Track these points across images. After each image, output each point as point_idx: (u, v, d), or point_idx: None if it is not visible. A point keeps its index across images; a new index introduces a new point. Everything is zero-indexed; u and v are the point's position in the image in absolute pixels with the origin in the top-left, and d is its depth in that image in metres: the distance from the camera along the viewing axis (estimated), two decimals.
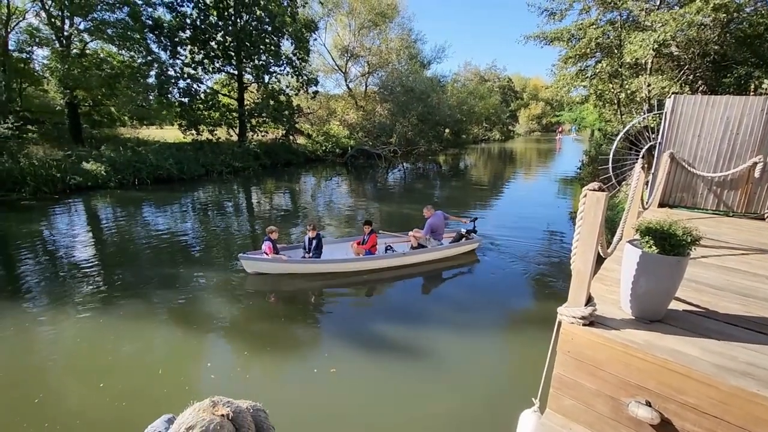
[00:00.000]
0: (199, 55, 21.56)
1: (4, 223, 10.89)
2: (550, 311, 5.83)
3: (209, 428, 0.56)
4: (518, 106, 70.78)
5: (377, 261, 7.41)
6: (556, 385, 2.35)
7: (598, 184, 2.17)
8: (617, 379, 2.12)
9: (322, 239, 7.54)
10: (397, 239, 8.36)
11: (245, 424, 0.61)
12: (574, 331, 2.26)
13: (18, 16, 17.53)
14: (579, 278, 2.25)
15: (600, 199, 2.08)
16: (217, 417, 0.58)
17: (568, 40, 13.54)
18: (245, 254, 6.98)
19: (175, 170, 17.72)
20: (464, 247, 8.26)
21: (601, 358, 2.16)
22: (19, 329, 5.33)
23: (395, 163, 25.55)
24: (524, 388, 3.64)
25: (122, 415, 3.75)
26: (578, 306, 2.26)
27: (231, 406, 0.61)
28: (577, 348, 2.25)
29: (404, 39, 33.56)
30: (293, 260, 7.14)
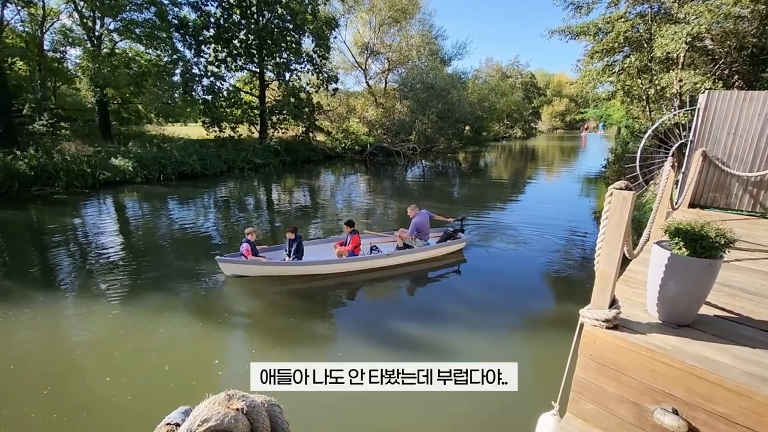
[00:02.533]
0: (222, 54, 21.96)
1: (39, 215, 11.43)
2: (571, 313, 5.68)
3: (224, 421, 0.56)
4: (541, 103, 69.18)
5: (360, 262, 7.18)
6: (577, 389, 2.28)
7: (625, 182, 2.09)
8: (642, 384, 2.04)
9: (302, 241, 7.30)
10: (382, 239, 8.12)
11: (260, 419, 0.61)
12: (597, 334, 2.18)
13: (52, 17, 18.28)
14: (603, 280, 2.17)
15: (627, 198, 2.00)
16: (232, 411, 0.59)
17: (594, 35, 13.12)
18: (223, 256, 6.70)
19: (199, 166, 18.17)
20: (451, 247, 8.03)
21: (625, 362, 2.09)
22: (44, 317, 5.59)
23: (414, 160, 25.43)
24: (543, 391, 3.56)
25: (128, 408, 3.85)
26: (602, 308, 2.19)
27: (246, 400, 0.61)
28: (599, 351, 2.18)
29: (425, 35, 33.25)
30: (272, 262, 6.86)
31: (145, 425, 3.66)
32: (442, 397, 4.06)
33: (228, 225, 10.80)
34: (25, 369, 4.47)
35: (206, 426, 0.56)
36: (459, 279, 7.36)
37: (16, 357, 4.69)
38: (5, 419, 3.67)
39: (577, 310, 2.31)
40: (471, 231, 9.98)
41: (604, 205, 2.11)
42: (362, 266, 7.21)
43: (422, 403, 3.95)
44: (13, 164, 13.84)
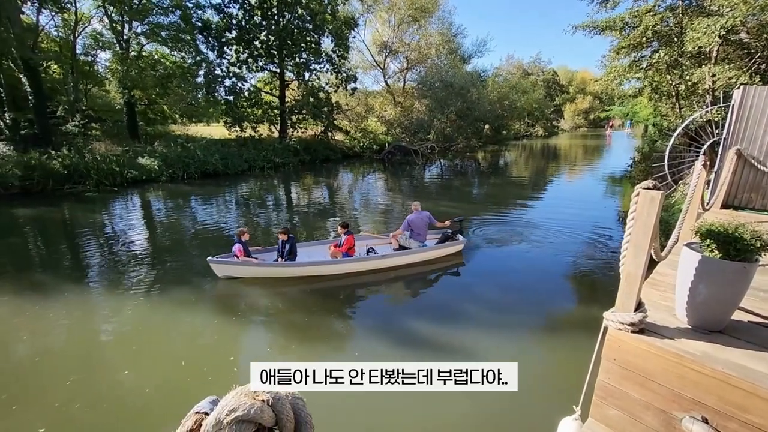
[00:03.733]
0: (243, 54, 22.36)
1: (72, 212, 11.94)
2: (593, 315, 5.54)
3: (250, 412, 0.58)
4: (563, 101, 67.56)
5: (354, 264, 7.06)
6: (600, 394, 2.22)
7: (653, 182, 2.01)
8: (669, 391, 1.97)
9: (295, 242, 7.17)
10: (379, 240, 7.99)
11: (284, 411, 0.62)
12: (622, 338, 2.12)
13: (84, 22, 19.04)
14: (629, 282, 2.10)
15: (655, 199, 1.93)
16: (258, 402, 0.60)
17: (621, 29, 12.70)
18: (214, 257, 6.58)
19: (221, 165, 18.60)
20: (449, 249, 7.82)
21: (652, 368, 2.02)
22: (72, 309, 5.83)
23: (432, 159, 25.27)
24: (564, 394, 3.48)
25: (145, 401, 3.96)
26: (627, 311, 2.12)
27: (271, 392, 0.63)
28: (624, 356, 2.12)
29: (444, 33, 32.99)
30: (264, 263, 6.75)
31: (161, 417, 3.79)
32: (455, 397, 4.02)
33: (249, 223, 10.99)
34: (51, 359, 4.66)
35: (234, 416, 0.58)
36: (471, 279, 7.25)
37: (44, 347, 4.91)
38: (31, 407, 3.83)
39: (599, 313, 2.25)
40: (489, 230, 9.85)
41: (631, 205, 2.04)
42: (356, 268, 7.08)
43: (434, 405, 3.92)
44: (48, 163, 14.50)
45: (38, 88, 16.27)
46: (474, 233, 9.77)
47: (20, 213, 11.64)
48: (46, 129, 16.76)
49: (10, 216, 11.36)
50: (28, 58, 15.40)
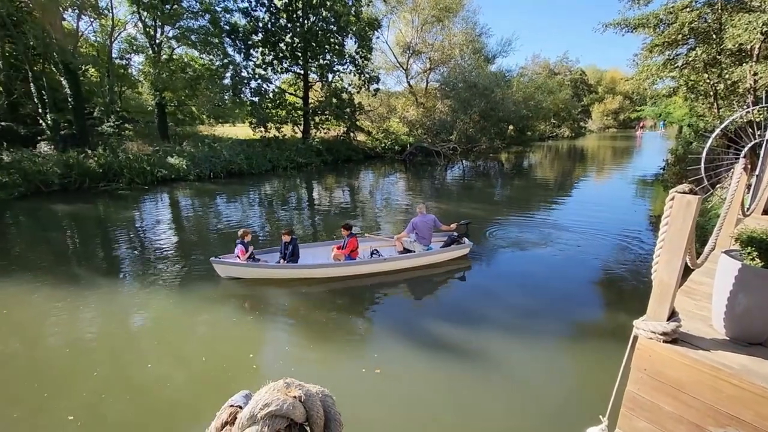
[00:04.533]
0: (269, 57, 22.82)
1: (106, 209, 12.49)
2: (621, 323, 5.37)
3: (283, 407, 0.59)
4: (592, 101, 65.60)
5: (356, 267, 6.98)
6: (629, 405, 2.14)
7: (689, 185, 1.92)
8: (704, 405, 1.87)
9: (297, 244, 7.11)
10: (383, 242, 7.90)
11: (315, 408, 0.64)
12: (653, 348, 2.03)
13: (120, 28, 19.88)
14: (661, 290, 2.02)
15: (691, 203, 1.84)
16: (290, 398, 0.61)
17: (654, 27, 12.21)
18: (217, 258, 6.66)
19: (245, 165, 19.04)
20: (454, 253, 7.67)
21: (685, 380, 1.92)
22: (102, 303, 6.08)
23: (454, 160, 25.06)
24: (590, 404, 3.38)
25: (166, 395, 4.08)
26: (659, 320, 2.03)
27: (303, 389, 0.64)
28: (655, 366, 2.03)
29: (468, 33, 32.67)
30: (267, 265, 6.73)
31: (182, 411, 3.89)
32: (477, 403, 3.97)
33: (272, 221, 11.20)
34: (80, 350, 4.88)
35: (267, 410, 0.59)
36: (493, 282, 7.13)
37: (73, 338, 5.15)
38: (61, 396, 4.03)
39: (628, 321, 2.17)
40: (512, 233, 9.67)
41: (665, 210, 1.95)
42: (359, 271, 7.00)
43: (456, 410, 3.88)
44: (85, 162, 15.23)
45: (77, 90, 17.10)
46: (496, 236, 9.62)
47: (59, 209, 12.28)
48: (84, 129, 17.60)
49: (50, 212, 12.00)
50: (69, 62, 16.21)
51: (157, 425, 3.73)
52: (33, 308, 5.91)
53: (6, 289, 6.51)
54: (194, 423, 3.73)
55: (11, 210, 12.15)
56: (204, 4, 20.14)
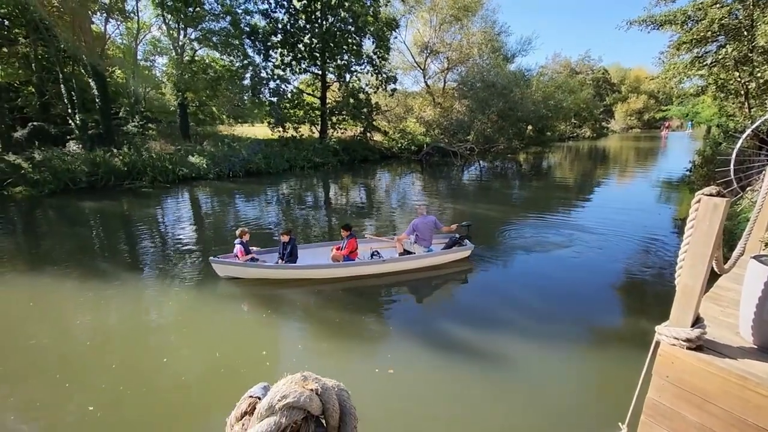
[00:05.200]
0: (287, 57, 23.12)
1: (130, 206, 12.88)
2: (643, 328, 5.22)
3: (300, 399, 0.61)
4: (615, 100, 64.01)
5: (356, 268, 6.91)
6: (649, 412, 2.07)
7: (716, 188, 1.85)
8: (730, 415, 1.80)
9: (296, 244, 7.05)
10: (384, 244, 7.78)
11: (330, 401, 0.65)
12: (676, 354, 1.96)
13: (145, 30, 20.49)
14: (686, 295, 1.95)
15: (718, 206, 1.78)
16: (307, 390, 0.63)
17: (682, 23, 11.80)
18: (216, 257, 6.68)
19: (263, 164, 19.35)
20: (455, 255, 7.54)
21: (710, 388, 1.86)
22: (123, 297, 6.26)
23: (471, 161, 24.82)
24: (609, 410, 3.31)
25: (181, 388, 4.17)
26: (683, 326, 1.96)
27: (319, 382, 0.66)
28: (678, 374, 1.96)
29: (487, 32, 32.30)
30: (265, 265, 6.71)
31: (195, 404, 3.96)
32: (492, 407, 3.92)
33: (288, 220, 11.34)
34: (100, 343, 5.04)
35: (285, 402, 0.61)
36: (509, 285, 7.01)
37: (94, 331, 5.33)
38: (82, 387, 4.16)
39: (650, 326, 2.11)
40: (529, 235, 9.51)
41: (690, 213, 1.89)
42: (358, 272, 6.93)
43: (470, 413, 3.84)
44: (110, 161, 15.76)
45: (104, 91, 17.71)
46: (512, 237, 9.48)
47: (86, 206, 12.73)
48: (110, 129, 18.21)
49: (77, 209, 12.46)
50: (97, 63, 16.80)
51: (172, 417, 3.82)
52: (59, 301, 6.15)
53: (35, 283, 6.80)
54: (207, 416, 3.81)
55: (42, 207, 12.68)
56: (225, 6, 20.57)
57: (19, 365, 4.53)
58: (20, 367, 4.49)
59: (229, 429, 0.66)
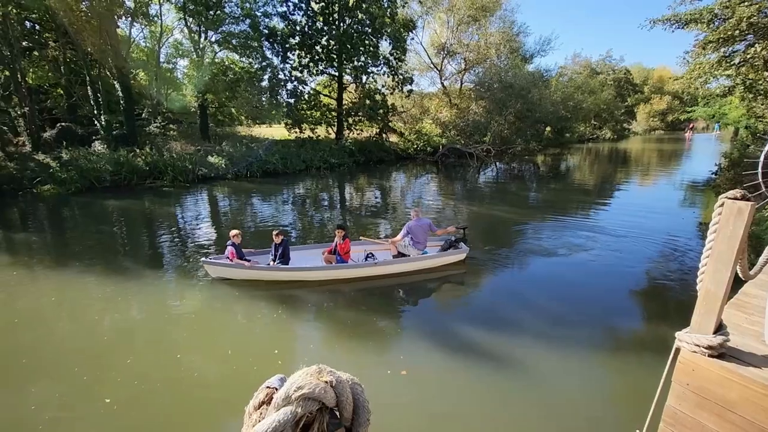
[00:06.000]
0: (305, 59, 23.36)
1: (151, 204, 13.24)
2: (663, 334, 5.09)
3: (315, 391, 0.63)
4: (637, 101, 62.36)
5: (349, 270, 6.86)
6: (669, 420, 2.02)
7: (741, 191, 1.80)
8: (753, 425, 1.75)
9: (288, 245, 7.02)
10: (378, 246, 7.69)
11: (345, 393, 0.67)
12: (697, 362, 1.91)
13: (167, 34, 21.03)
14: (708, 301, 1.90)
15: (743, 210, 1.72)
16: (321, 382, 0.65)
17: (708, 22, 11.45)
18: (208, 258, 6.75)
19: (280, 165, 19.61)
20: (450, 258, 7.45)
21: (733, 397, 1.80)
22: (143, 294, 6.43)
23: (488, 162, 24.59)
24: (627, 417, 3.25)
25: (195, 384, 4.26)
26: (704, 333, 1.91)
27: (334, 375, 0.68)
28: (699, 381, 1.91)
29: (505, 33, 31.97)
30: (256, 266, 6.68)
31: (208, 399, 4.03)
32: (507, 410, 3.88)
33: (304, 220, 11.46)
34: (117, 338, 5.19)
35: (301, 392, 0.63)
36: (525, 289, 6.90)
37: (112, 326, 5.49)
38: (99, 380, 4.30)
39: (670, 332, 2.06)
40: (546, 237, 9.37)
41: (713, 216, 1.84)
42: (351, 274, 6.88)
43: (484, 416, 3.81)
44: (133, 161, 16.23)
45: (128, 93, 18.26)
46: (528, 239, 9.36)
47: (110, 204, 13.15)
48: (133, 130, 18.75)
49: (101, 206, 12.88)
50: (122, 66, 17.34)
51: (186, 412, 3.91)
52: (80, 296, 6.36)
53: (60, 277, 7.06)
54: (220, 412, 3.89)
55: (68, 205, 13.15)
56: (245, 9, 20.93)
57: (40, 358, 4.71)
58: (41, 360, 4.67)
59: (248, 417, 0.68)
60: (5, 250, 8.75)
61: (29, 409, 3.84)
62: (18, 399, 3.99)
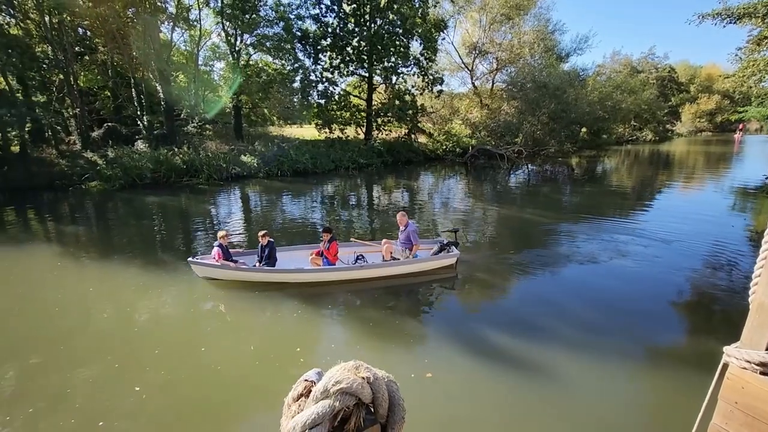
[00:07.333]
0: (336, 60, 23.66)
1: (186, 201, 13.81)
2: (708, 349, 4.76)
3: (353, 386, 0.65)
4: (682, 101, 59.02)
5: (336, 273, 6.76)
6: None
7: None
8: None
9: (274, 246, 6.98)
10: (369, 248, 7.55)
11: (380, 390, 0.68)
12: (747, 379, 1.75)
13: (206, 37, 21.89)
14: (761, 314, 1.73)
15: None
16: (359, 378, 0.66)
17: (764, 16, 10.67)
18: (194, 258, 6.73)
19: (310, 164, 19.96)
20: (441, 261, 7.27)
21: None
22: (175, 289, 6.68)
23: (519, 164, 23.98)
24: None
25: (218, 376, 4.36)
26: (756, 348, 1.74)
27: (370, 371, 0.69)
28: (749, 400, 1.75)
29: (540, 31, 31.09)
30: (242, 267, 6.69)
31: (230, 391, 4.13)
32: (535, 421, 3.74)
33: (332, 219, 11.58)
34: (146, 329, 5.43)
35: (339, 387, 0.64)
36: (557, 295, 6.63)
37: (141, 318, 5.74)
38: (129, 369, 4.49)
39: (717, 347, 1.89)
40: (581, 242, 9.01)
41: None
42: (339, 277, 6.80)
43: (509, 424, 3.68)
44: (172, 159, 17.00)
45: (169, 94, 19.14)
46: (562, 243, 9.04)
47: (150, 200, 13.83)
48: (173, 130, 19.65)
49: (142, 202, 13.57)
50: (163, 69, 18.20)
51: (209, 401, 4.02)
52: (118, 287, 6.70)
53: (100, 269, 7.50)
54: (242, 405, 3.98)
55: (112, 200, 13.94)
56: (279, 12, 21.47)
57: (75, 345, 5.00)
58: (76, 347, 4.95)
59: (287, 408, 0.70)
60: (56, 241, 9.38)
61: (66, 392, 4.07)
62: (55, 383, 4.24)
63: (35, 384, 4.22)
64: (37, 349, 4.85)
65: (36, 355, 4.74)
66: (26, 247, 8.84)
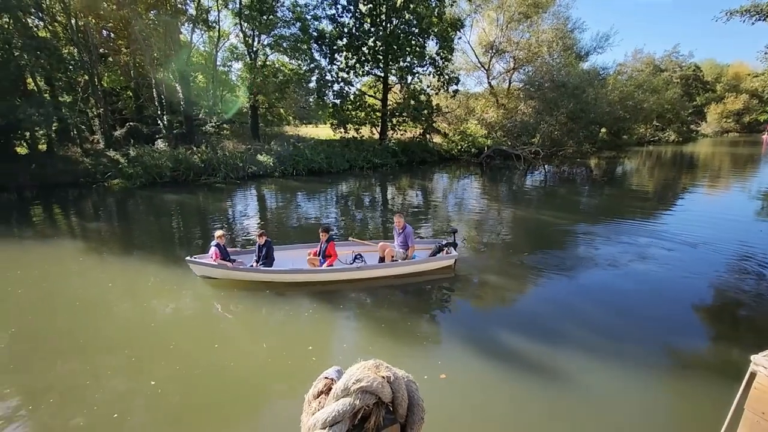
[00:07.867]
0: (352, 60, 23.72)
1: (204, 199, 14.07)
2: (734, 358, 4.59)
3: (373, 384, 0.64)
4: (707, 101, 57.01)
5: (334, 273, 6.71)
6: None
7: None
8: None
9: (272, 246, 6.95)
10: (368, 248, 7.47)
11: (400, 390, 0.68)
12: None
13: (224, 38, 22.28)
14: None
15: None
16: (379, 377, 0.66)
17: None
18: (192, 257, 6.70)
19: (325, 164, 20.09)
20: (440, 263, 7.21)
21: None
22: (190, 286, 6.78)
23: (536, 165, 23.60)
24: None
25: (230, 373, 4.40)
26: None
27: (390, 370, 0.69)
28: None
29: (559, 29, 30.47)
30: (239, 267, 6.69)
31: (242, 388, 4.17)
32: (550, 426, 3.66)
33: (346, 219, 11.62)
34: (161, 326, 5.52)
35: (359, 385, 0.64)
36: (574, 299, 6.49)
37: (157, 315, 5.86)
38: (145, 363, 4.58)
39: (743, 356, 1.81)
40: (599, 245, 8.80)
41: None
42: (336, 277, 6.76)
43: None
44: (190, 158, 17.35)
45: (188, 94, 19.55)
46: (580, 245, 8.86)
47: (169, 198, 14.14)
48: (191, 130, 20.06)
49: (162, 200, 13.89)
50: (183, 69, 18.59)
51: (222, 397, 4.06)
52: (137, 282, 6.88)
53: (121, 264, 7.70)
54: (254, 401, 4.03)
55: (133, 197, 14.31)
56: (296, 13, 21.69)
57: (94, 338, 5.13)
58: (95, 340, 5.08)
59: (307, 405, 0.71)
60: (79, 236, 9.68)
61: (84, 384, 4.19)
62: (74, 374, 4.36)
63: (57, 375, 4.36)
64: (59, 342, 5.01)
65: (57, 347, 4.90)
66: (51, 241, 9.14)
